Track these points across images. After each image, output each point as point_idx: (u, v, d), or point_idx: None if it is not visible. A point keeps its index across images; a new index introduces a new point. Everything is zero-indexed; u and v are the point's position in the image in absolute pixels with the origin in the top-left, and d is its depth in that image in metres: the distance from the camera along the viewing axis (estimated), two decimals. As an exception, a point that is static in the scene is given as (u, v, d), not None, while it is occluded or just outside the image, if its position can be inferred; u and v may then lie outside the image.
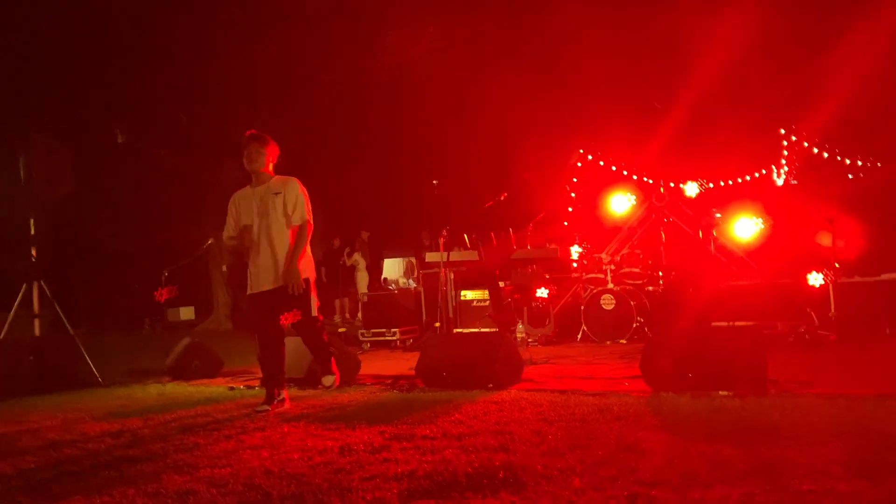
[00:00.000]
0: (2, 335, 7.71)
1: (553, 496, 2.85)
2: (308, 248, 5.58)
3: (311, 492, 3.11)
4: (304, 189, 5.53)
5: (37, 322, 8.03)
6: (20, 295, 7.81)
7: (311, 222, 5.52)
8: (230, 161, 16.17)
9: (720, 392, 4.84)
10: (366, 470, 3.43)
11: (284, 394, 5.55)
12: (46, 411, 5.92)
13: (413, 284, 13.07)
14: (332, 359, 5.75)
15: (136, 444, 4.38)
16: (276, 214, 5.43)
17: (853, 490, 2.71)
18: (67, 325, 7.83)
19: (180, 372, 7.63)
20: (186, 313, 16.24)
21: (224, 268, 16.17)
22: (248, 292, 5.60)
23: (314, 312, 5.54)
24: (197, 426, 4.84)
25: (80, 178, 8.69)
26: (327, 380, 5.68)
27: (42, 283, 7.93)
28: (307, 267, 5.53)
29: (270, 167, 5.59)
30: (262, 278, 5.47)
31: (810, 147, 12.19)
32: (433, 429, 4.27)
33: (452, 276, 10.30)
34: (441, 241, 8.23)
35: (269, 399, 5.48)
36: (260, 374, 7.33)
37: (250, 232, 5.47)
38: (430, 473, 3.27)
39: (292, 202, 5.43)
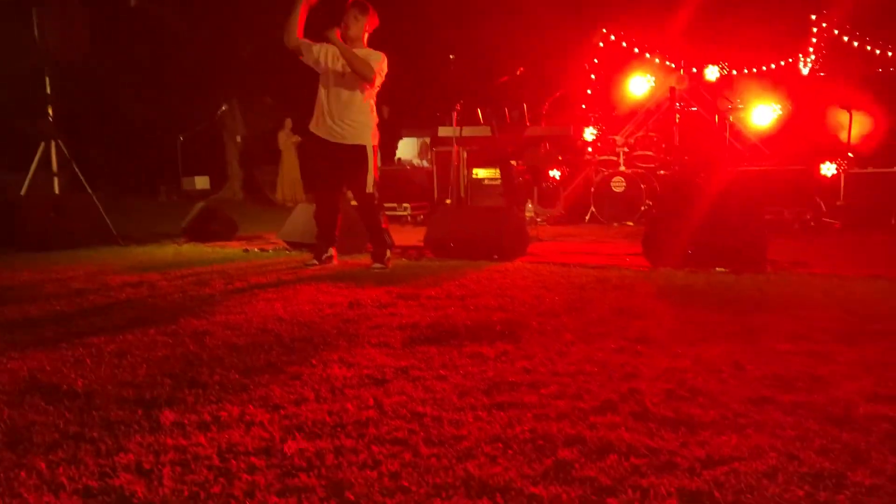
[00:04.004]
0: (22, 192, 7.90)
1: (545, 346, 3.04)
2: (375, 117, 5.64)
3: (320, 335, 3.32)
4: (386, 62, 5.51)
5: (55, 180, 8.20)
6: (38, 154, 7.93)
7: (375, 84, 5.52)
8: (243, 34, 15.87)
9: (718, 269, 4.98)
10: (372, 321, 3.63)
11: (333, 251, 5.82)
12: (68, 264, 6.17)
13: (426, 164, 13.08)
14: (386, 247, 5.71)
15: (155, 294, 4.61)
16: (351, 77, 5.47)
17: (829, 351, 2.87)
18: (86, 185, 7.99)
19: (196, 234, 7.84)
20: (201, 182, 16.31)
21: (238, 138, 16.18)
22: (313, 129, 5.65)
23: (369, 188, 5.56)
24: (213, 280, 5.06)
25: (94, 42, 8.61)
26: (376, 266, 5.60)
27: (59, 142, 8.02)
28: (372, 136, 5.58)
29: (365, 38, 5.60)
30: (324, 127, 5.57)
31: (840, 35, 11.80)
32: (438, 291, 4.46)
33: (465, 155, 10.33)
34: (454, 115, 8.18)
35: (318, 255, 5.78)
36: (273, 241, 7.57)
37: (326, 87, 5.54)
38: (431, 325, 3.47)
39: (372, 62, 5.44)
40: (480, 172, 10.53)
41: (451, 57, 8.99)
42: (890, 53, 11.60)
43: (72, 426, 2.20)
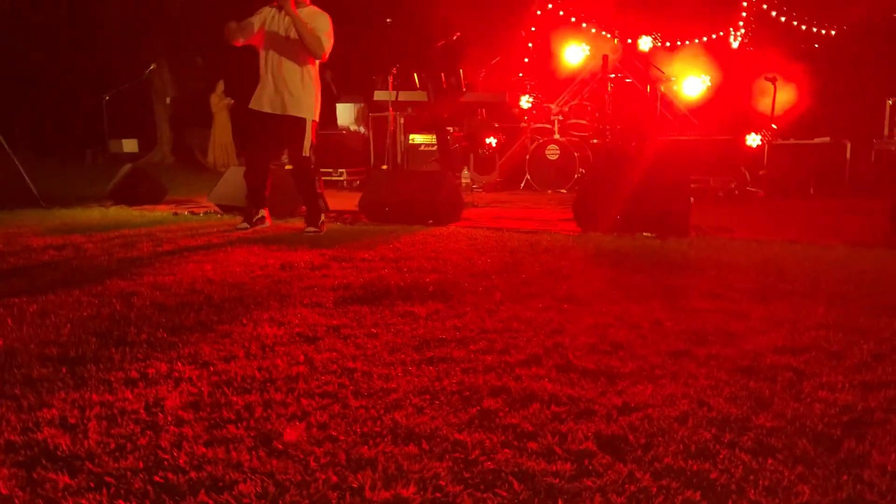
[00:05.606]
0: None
1: (475, 305, 3.10)
2: (318, 85, 5.53)
3: (250, 296, 3.31)
4: (333, 27, 5.38)
5: (-28, 141, 7.84)
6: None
7: (325, 57, 5.42)
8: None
9: (644, 233, 5.14)
10: (304, 282, 3.63)
11: (264, 213, 5.74)
12: (-13, 226, 5.94)
13: (363, 130, 12.98)
14: (320, 211, 5.62)
15: (80, 256, 4.49)
16: (296, 44, 5.33)
17: (741, 309, 3.02)
18: (5, 145, 7.66)
19: (123, 197, 7.62)
20: (130, 145, 15.85)
21: (168, 100, 15.69)
22: (250, 106, 5.56)
23: (306, 152, 5.47)
24: (140, 243, 4.96)
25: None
26: (310, 229, 5.55)
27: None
28: (312, 107, 5.48)
29: None
30: (264, 99, 5.47)
31: (769, 10, 12.12)
32: (371, 254, 4.48)
33: (402, 120, 10.29)
34: (390, 80, 8.14)
35: (249, 217, 5.69)
36: (204, 204, 7.43)
37: (267, 51, 5.43)
38: (364, 285, 3.50)
39: (322, 34, 5.31)
40: (417, 138, 10.52)
41: (387, 21, 8.92)
42: (815, 29, 12.00)
43: (-8, 384, 2.16)
